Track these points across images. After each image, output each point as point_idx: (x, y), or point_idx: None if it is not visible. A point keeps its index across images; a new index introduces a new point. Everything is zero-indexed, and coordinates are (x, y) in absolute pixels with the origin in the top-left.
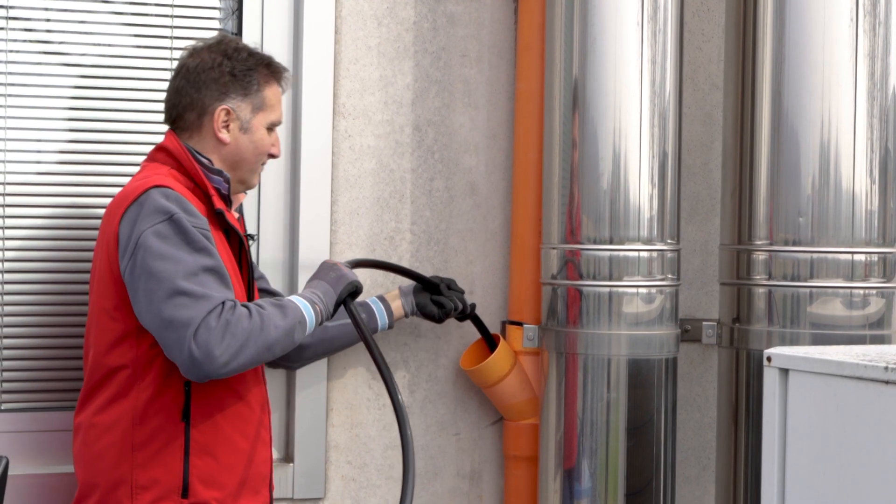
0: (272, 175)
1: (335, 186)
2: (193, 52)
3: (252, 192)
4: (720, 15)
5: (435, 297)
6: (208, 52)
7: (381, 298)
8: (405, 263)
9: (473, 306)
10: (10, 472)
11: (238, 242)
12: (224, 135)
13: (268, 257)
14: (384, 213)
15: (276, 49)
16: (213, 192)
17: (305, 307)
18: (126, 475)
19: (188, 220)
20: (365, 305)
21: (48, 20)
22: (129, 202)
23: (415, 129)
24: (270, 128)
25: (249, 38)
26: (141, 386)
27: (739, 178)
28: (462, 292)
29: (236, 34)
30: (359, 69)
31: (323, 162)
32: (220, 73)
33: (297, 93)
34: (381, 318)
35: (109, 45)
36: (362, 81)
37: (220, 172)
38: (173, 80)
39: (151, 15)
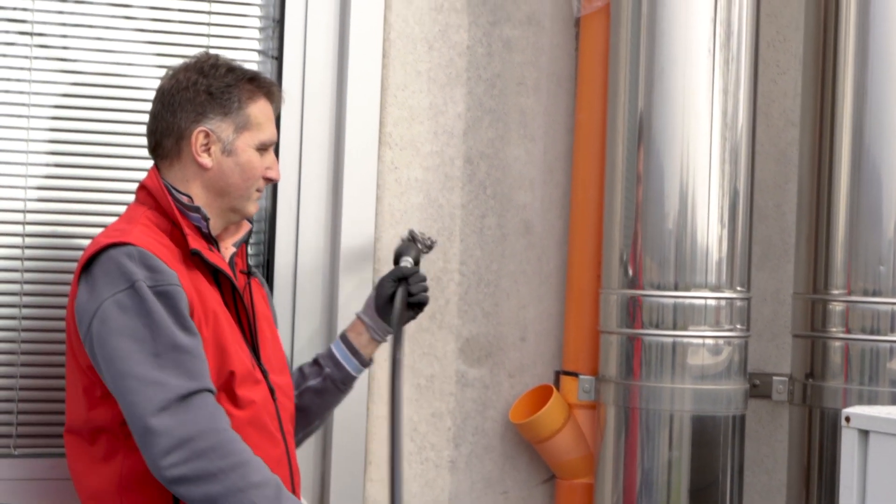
0: (311, 208)
1: (379, 222)
2: (171, 74)
3: (289, 227)
4: (797, 45)
5: (411, 298)
6: (184, 72)
7: (343, 338)
8: (453, 307)
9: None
10: None
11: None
12: (205, 159)
13: (305, 301)
14: (432, 251)
15: (319, 73)
16: (188, 231)
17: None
18: None
19: (149, 287)
20: (331, 357)
21: (65, 36)
22: (85, 260)
23: (466, 162)
24: (262, 148)
25: (290, 61)
26: (126, 450)
27: (815, 222)
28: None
29: (277, 58)
30: (407, 96)
31: (367, 195)
32: (196, 93)
33: (340, 120)
34: (350, 363)
35: (133, 65)
36: (410, 109)
37: (197, 209)
38: (152, 106)
39: (182, 33)
